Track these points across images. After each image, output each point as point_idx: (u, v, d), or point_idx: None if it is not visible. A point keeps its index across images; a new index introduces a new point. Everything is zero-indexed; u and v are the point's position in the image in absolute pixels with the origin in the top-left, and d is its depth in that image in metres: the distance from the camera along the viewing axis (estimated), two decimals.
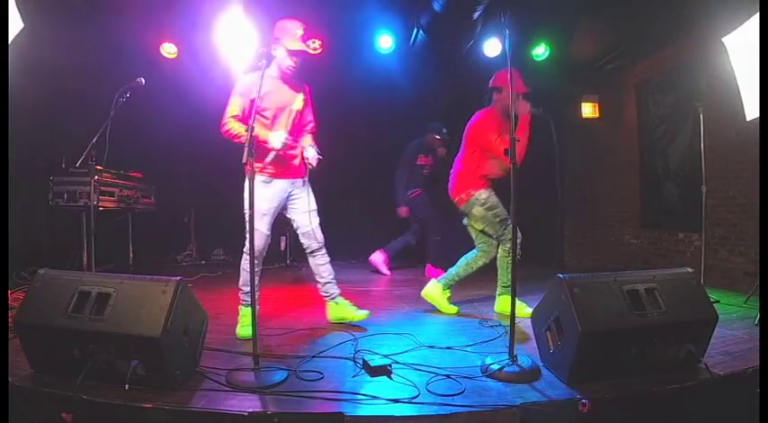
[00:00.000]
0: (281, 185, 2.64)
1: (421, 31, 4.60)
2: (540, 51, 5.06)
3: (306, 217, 2.68)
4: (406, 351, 2.24)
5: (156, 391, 1.67)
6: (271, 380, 1.81)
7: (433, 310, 3.26)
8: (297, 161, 2.65)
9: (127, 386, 1.59)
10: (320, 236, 2.73)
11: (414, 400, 1.68)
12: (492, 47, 4.89)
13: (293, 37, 2.65)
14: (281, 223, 5.73)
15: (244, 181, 1.93)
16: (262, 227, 2.59)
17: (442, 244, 4.71)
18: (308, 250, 2.76)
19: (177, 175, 5.75)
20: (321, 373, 1.92)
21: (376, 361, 1.98)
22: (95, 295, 1.77)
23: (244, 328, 2.51)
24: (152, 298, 1.74)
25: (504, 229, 2.97)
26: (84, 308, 1.75)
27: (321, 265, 2.76)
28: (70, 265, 3.76)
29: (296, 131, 2.67)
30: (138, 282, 1.83)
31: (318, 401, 1.67)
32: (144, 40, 4.69)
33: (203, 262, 5.62)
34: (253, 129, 1.95)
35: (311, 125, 2.80)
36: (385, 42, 4.89)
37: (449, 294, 3.18)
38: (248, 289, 2.45)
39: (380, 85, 5.21)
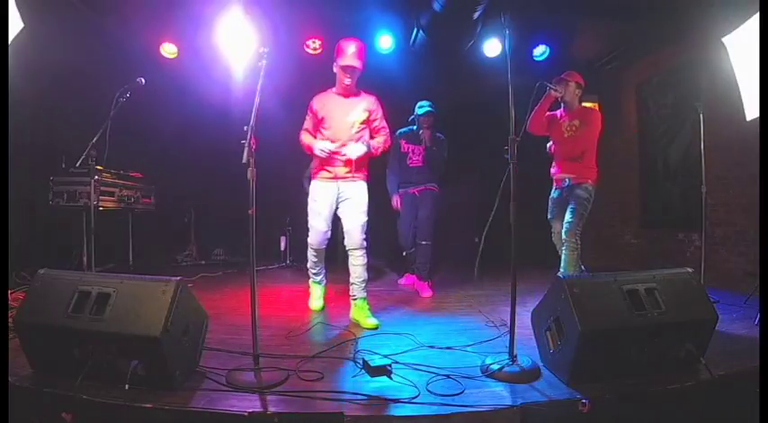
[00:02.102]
0: (330, 188, 2.92)
1: (421, 31, 4.59)
2: (540, 51, 5.06)
3: (349, 217, 2.90)
4: (406, 351, 2.24)
5: (156, 391, 1.67)
6: (271, 380, 1.81)
7: (433, 309, 3.26)
8: (347, 167, 2.89)
9: (127, 386, 1.59)
10: (359, 237, 2.87)
11: (414, 400, 1.68)
12: (492, 47, 4.89)
13: (344, 55, 2.83)
14: (281, 223, 5.74)
15: (247, 181, 1.94)
16: (318, 224, 2.95)
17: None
18: (346, 248, 2.93)
19: (177, 175, 5.75)
20: (321, 373, 1.92)
21: (376, 361, 1.97)
22: (95, 295, 1.77)
23: (315, 301, 3.16)
24: (152, 298, 1.74)
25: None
26: (85, 308, 1.75)
27: (354, 265, 2.90)
28: (70, 265, 3.76)
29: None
30: (138, 282, 1.83)
31: (318, 401, 1.66)
32: (144, 40, 4.69)
33: (203, 262, 5.63)
34: (253, 128, 1.95)
35: (384, 131, 3.01)
36: (385, 42, 4.88)
37: None
38: (313, 271, 3.16)
39: (380, 85, 5.21)
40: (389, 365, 1.95)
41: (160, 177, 5.30)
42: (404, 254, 4.19)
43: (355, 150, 2.81)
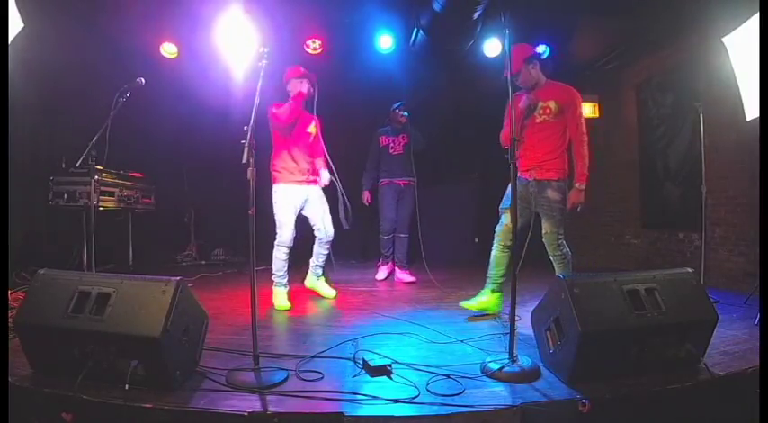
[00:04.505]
0: (300, 191, 3.32)
1: (421, 31, 4.59)
2: (540, 51, 5.05)
3: (321, 214, 3.39)
4: (406, 351, 2.24)
5: (156, 391, 1.67)
6: (271, 380, 1.81)
7: (433, 309, 3.26)
8: (311, 175, 3.39)
9: (127, 386, 1.59)
10: (331, 231, 3.43)
11: (414, 400, 1.67)
12: (492, 47, 4.89)
13: (299, 70, 3.32)
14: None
15: (247, 181, 1.95)
16: (292, 223, 3.27)
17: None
18: (318, 238, 3.46)
19: (177, 175, 5.75)
20: (321, 373, 1.92)
21: (376, 361, 1.98)
22: (95, 295, 1.77)
23: (285, 302, 3.22)
24: (152, 298, 1.74)
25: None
26: (84, 308, 1.74)
27: (322, 253, 3.51)
28: (70, 265, 3.75)
29: (312, 151, 3.42)
30: (138, 282, 1.82)
31: (318, 401, 1.67)
32: (144, 40, 4.69)
33: (203, 262, 5.63)
34: (253, 129, 1.95)
35: (322, 149, 3.50)
36: (385, 42, 4.88)
37: None
38: (279, 273, 3.28)
39: (380, 85, 5.21)
40: (389, 365, 1.96)
41: (160, 177, 5.31)
42: (384, 237, 4.51)
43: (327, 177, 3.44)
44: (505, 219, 2.90)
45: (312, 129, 3.42)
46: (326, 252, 3.50)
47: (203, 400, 1.66)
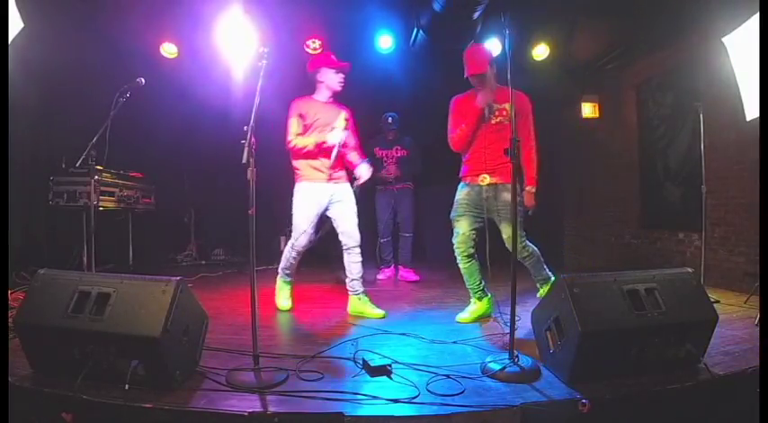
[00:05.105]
0: (326, 190, 3.00)
1: (421, 31, 4.59)
2: (540, 51, 5.06)
3: (346, 218, 3.02)
4: (406, 351, 2.24)
5: (156, 391, 1.67)
6: (271, 380, 1.81)
7: (434, 309, 3.27)
8: (338, 169, 3.05)
9: (127, 386, 1.59)
10: (358, 235, 3.03)
11: (414, 400, 1.67)
12: (492, 47, 4.88)
13: (334, 59, 3.08)
14: (281, 223, 5.73)
15: (247, 181, 1.94)
16: (308, 227, 2.99)
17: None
18: (344, 247, 3.05)
19: (177, 175, 5.75)
20: (321, 373, 1.92)
21: (376, 361, 1.98)
22: (95, 295, 1.77)
23: (286, 301, 3.15)
24: (152, 298, 1.74)
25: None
26: (84, 308, 1.74)
27: (354, 262, 3.04)
28: (70, 265, 3.75)
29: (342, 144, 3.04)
30: (138, 282, 1.83)
31: (318, 401, 1.66)
32: (144, 40, 4.69)
33: (203, 262, 5.64)
34: (253, 128, 1.95)
35: (354, 142, 3.20)
36: (385, 42, 4.88)
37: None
38: (287, 271, 3.15)
39: (380, 85, 5.21)
40: (389, 365, 1.96)
41: (160, 177, 5.31)
42: (381, 240, 4.62)
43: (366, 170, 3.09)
44: (460, 228, 2.87)
45: (341, 123, 3.04)
46: (359, 260, 3.05)
47: (203, 400, 1.66)
